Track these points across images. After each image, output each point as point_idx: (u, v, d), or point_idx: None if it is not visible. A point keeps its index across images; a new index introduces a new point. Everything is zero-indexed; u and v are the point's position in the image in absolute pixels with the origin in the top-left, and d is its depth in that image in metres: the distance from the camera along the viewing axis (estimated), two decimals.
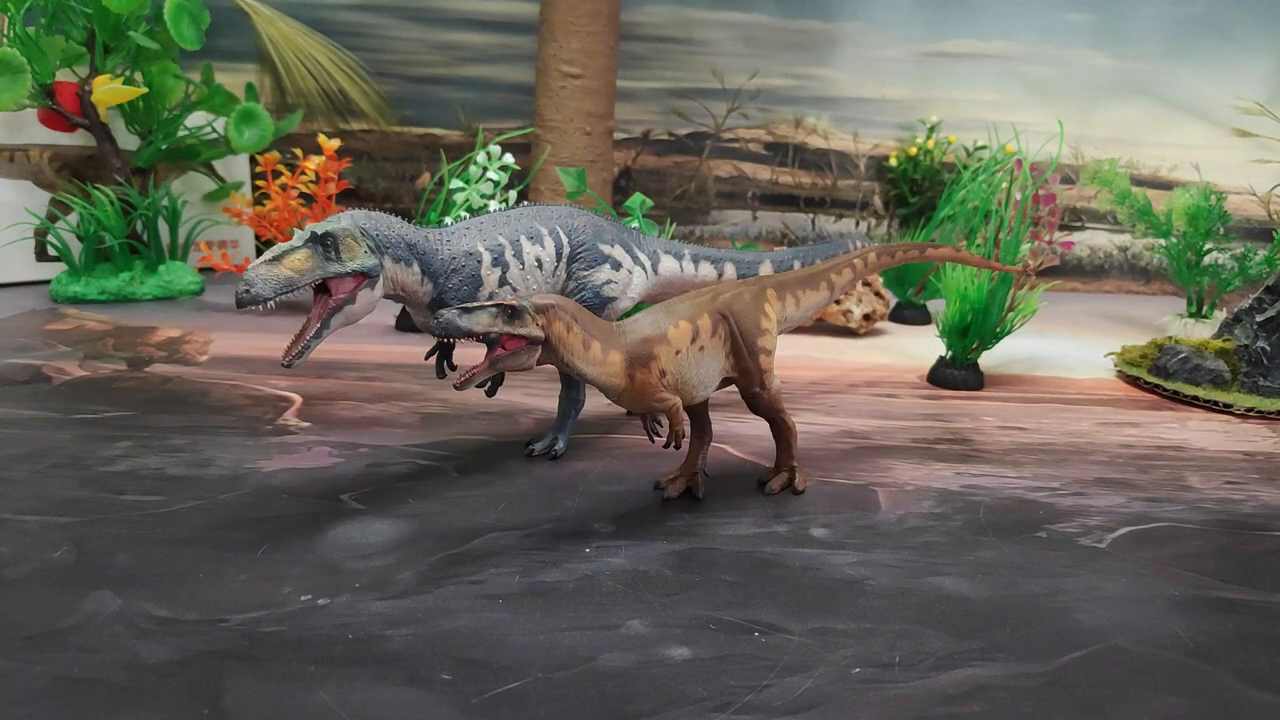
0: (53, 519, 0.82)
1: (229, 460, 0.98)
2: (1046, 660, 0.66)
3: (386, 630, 0.66)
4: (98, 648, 0.63)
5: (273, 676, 0.60)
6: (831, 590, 0.75)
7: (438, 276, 0.89)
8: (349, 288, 0.81)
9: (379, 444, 1.04)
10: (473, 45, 2.29)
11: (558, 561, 0.77)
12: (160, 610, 0.68)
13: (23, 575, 0.72)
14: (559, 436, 1.03)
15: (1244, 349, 1.45)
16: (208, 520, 0.83)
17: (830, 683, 0.62)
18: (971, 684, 0.62)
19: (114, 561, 0.75)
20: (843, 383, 1.43)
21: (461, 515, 0.86)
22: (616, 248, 1.03)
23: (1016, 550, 0.84)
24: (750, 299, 0.89)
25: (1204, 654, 0.67)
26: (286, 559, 0.76)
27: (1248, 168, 2.52)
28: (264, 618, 0.67)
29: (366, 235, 0.82)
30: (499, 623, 0.68)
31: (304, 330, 0.81)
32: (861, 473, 1.02)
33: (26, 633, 0.65)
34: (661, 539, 0.83)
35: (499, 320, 0.75)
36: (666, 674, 0.62)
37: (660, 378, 0.82)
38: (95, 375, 1.28)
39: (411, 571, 0.75)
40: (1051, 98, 2.45)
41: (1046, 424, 1.25)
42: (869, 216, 2.55)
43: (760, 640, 0.67)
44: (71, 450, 0.99)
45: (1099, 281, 2.63)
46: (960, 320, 1.40)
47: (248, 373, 1.32)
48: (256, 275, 0.75)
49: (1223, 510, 0.96)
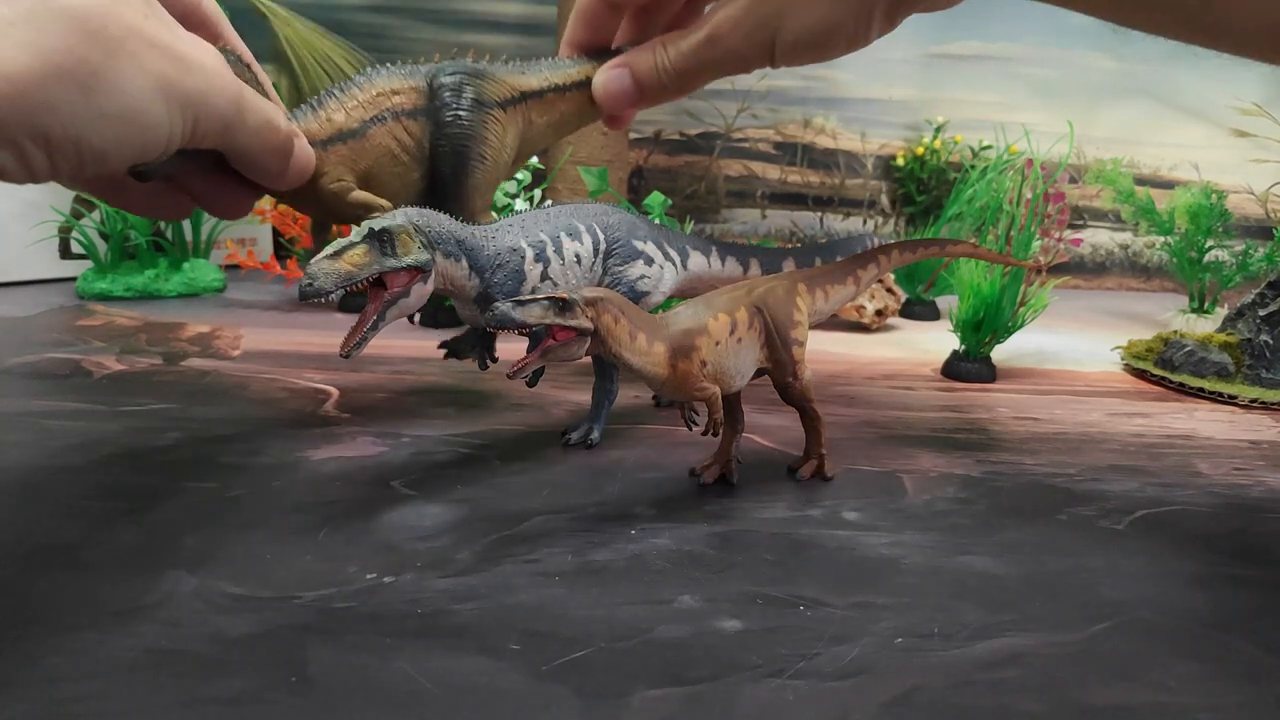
0: (117, 504, 0.86)
1: (277, 449, 1.01)
2: (1076, 630, 0.69)
3: (453, 605, 0.70)
4: (181, 622, 0.67)
5: (351, 648, 0.64)
6: (868, 568, 0.79)
7: (484, 271, 0.93)
8: (404, 282, 0.85)
9: (420, 434, 1.08)
10: (489, 46, 2.32)
11: (606, 542, 0.81)
12: (235, 588, 0.71)
13: (98, 557, 0.76)
14: (594, 426, 1.06)
15: (1247, 342, 1.49)
16: (266, 505, 0.87)
17: (875, 651, 0.65)
18: (1008, 652, 0.66)
19: (183, 544, 0.78)
20: (860, 376, 1.47)
21: (509, 499, 0.89)
22: (649, 244, 1.07)
23: (1039, 531, 0.88)
24: (783, 293, 0.93)
25: (1223, 625, 0.71)
26: (347, 540, 0.80)
27: (1246, 167, 2.58)
28: (335, 594, 0.71)
29: (420, 231, 0.86)
30: (558, 598, 0.71)
31: (361, 322, 0.84)
32: (886, 460, 1.06)
33: (111, 609, 0.68)
34: (702, 521, 0.86)
35: (550, 312, 0.78)
36: (721, 644, 0.66)
37: (701, 368, 0.85)
38: (134, 369, 1.31)
39: (468, 551, 0.78)
40: (1054, 98, 2.50)
41: (1059, 414, 1.29)
42: (876, 215, 2.59)
43: (805, 613, 0.70)
44: (124, 441, 1.02)
45: (1100, 278, 2.68)
46: (974, 315, 1.44)
47: (282, 366, 1.36)
48: (319, 270, 0.79)
49: (1232, 494, 1.00)
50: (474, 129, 1.03)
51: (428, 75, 1.04)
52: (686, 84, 0.96)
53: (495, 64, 1.07)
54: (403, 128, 1.02)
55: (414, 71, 1.05)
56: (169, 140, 0.73)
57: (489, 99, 1.04)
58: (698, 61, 0.93)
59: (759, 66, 0.93)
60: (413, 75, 1.04)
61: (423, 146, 1.04)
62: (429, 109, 1.03)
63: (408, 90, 1.03)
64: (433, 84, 1.04)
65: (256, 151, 0.85)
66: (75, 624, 0.64)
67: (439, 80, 1.03)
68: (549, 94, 1.08)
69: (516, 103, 1.07)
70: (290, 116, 0.96)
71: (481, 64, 1.06)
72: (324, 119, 1.00)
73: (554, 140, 1.15)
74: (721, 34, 0.89)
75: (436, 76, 1.04)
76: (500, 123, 1.05)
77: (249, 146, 0.83)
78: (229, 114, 0.78)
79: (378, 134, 1.01)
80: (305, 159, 0.95)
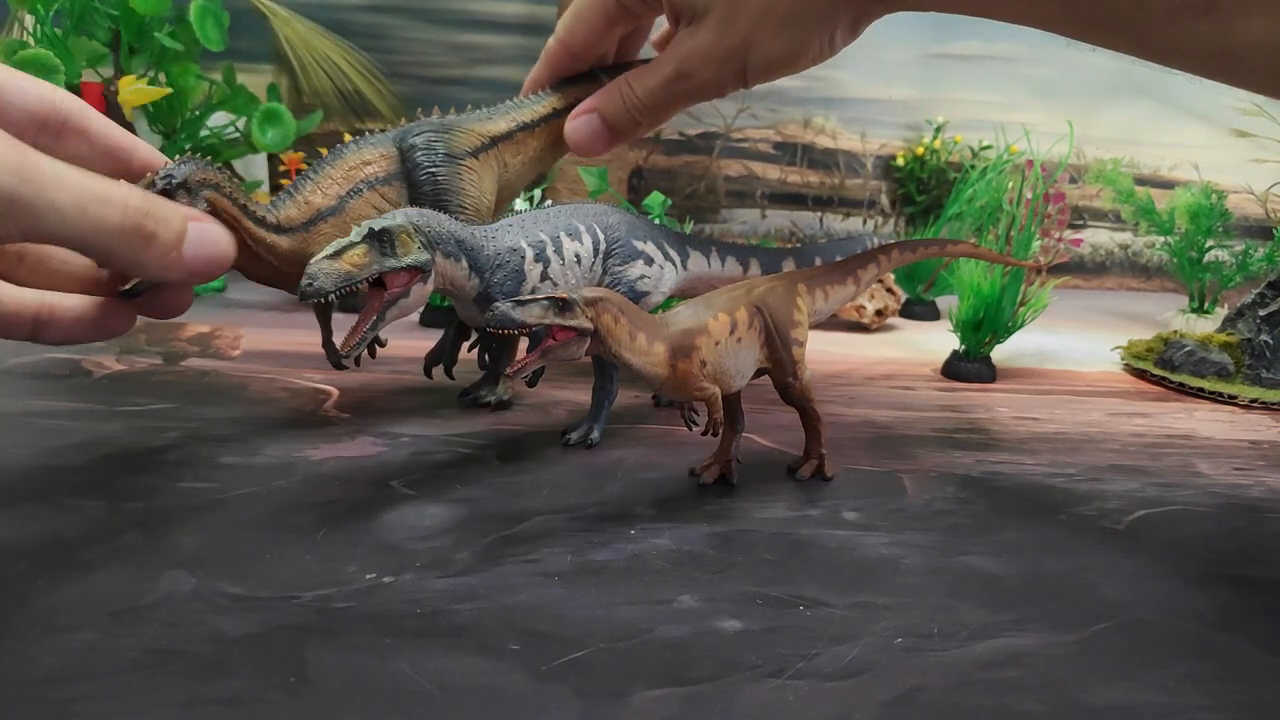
0: (116, 504, 0.86)
1: (277, 449, 1.01)
2: (1076, 630, 0.69)
3: (452, 605, 0.70)
4: (180, 622, 0.67)
5: (351, 648, 0.64)
6: (867, 568, 0.79)
7: (484, 271, 0.93)
8: (403, 282, 0.85)
9: (420, 434, 1.08)
10: (489, 46, 2.33)
11: (605, 542, 0.81)
12: (234, 588, 0.71)
13: (98, 556, 0.76)
14: (594, 426, 1.06)
15: (1247, 342, 1.49)
16: (265, 505, 0.87)
17: (875, 651, 0.65)
18: (1008, 652, 0.66)
19: (182, 543, 0.78)
20: (860, 376, 1.47)
21: (508, 500, 0.89)
22: (649, 244, 1.07)
23: (1039, 531, 0.88)
24: (783, 293, 0.93)
25: (1223, 625, 0.71)
26: (346, 540, 0.80)
27: (1246, 167, 2.58)
28: (334, 594, 0.71)
29: (419, 231, 0.86)
30: (557, 598, 0.71)
31: (361, 322, 0.84)
32: (886, 460, 1.06)
33: (110, 609, 0.68)
34: (701, 521, 0.86)
35: (550, 312, 0.78)
36: (721, 644, 0.66)
37: (701, 368, 0.85)
38: (133, 369, 1.31)
39: (468, 552, 0.78)
40: (1054, 98, 2.50)
41: (1059, 414, 1.29)
42: (876, 215, 2.59)
43: (805, 613, 0.70)
44: (123, 440, 1.02)
45: (1100, 279, 2.68)
46: (974, 315, 1.44)
47: (282, 366, 1.36)
48: (319, 270, 0.79)
49: (1232, 494, 1.00)
50: (450, 182, 1.05)
51: (396, 140, 1.08)
52: (659, 117, 0.99)
53: (460, 115, 1.11)
54: (379, 195, 1.05)
55: (382, 139, 1.08)
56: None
57: (460, 150, 1.07)
58: (668, 95, 0.96)
59: (733, 90, 0.95)
60: (381, 143, 1.07)
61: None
62: (401, 172, 1.06)
63: (378, 159, 1.06)
64: (402, 147, 1.07)
65: (82, 236, 0.68)
66: (75, 624, 0.64)
67: (408, 142, 1.07)
68: (518, 134, 1.12)
69: (488, 148, 1.10)
70: (193, 203, 0.87)
71: (447, 117, 1.10)
72: (302, 202, 1.01)
73: (532, 177, 1.19)
74: (691, 69, 0.92)
75: (404, 139, 1.07)
76: (475, 171, 1.08)
77: (65, 231, 0.66)
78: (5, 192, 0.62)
79: (356, 206, 1.03)
80: (210, 248, 0.78)
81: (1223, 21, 0.68)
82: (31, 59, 1.65)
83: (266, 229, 0.96)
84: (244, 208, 0.93)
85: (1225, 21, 0.68)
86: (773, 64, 0.91)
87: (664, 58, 0.95)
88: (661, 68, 0.94)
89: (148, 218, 0.71)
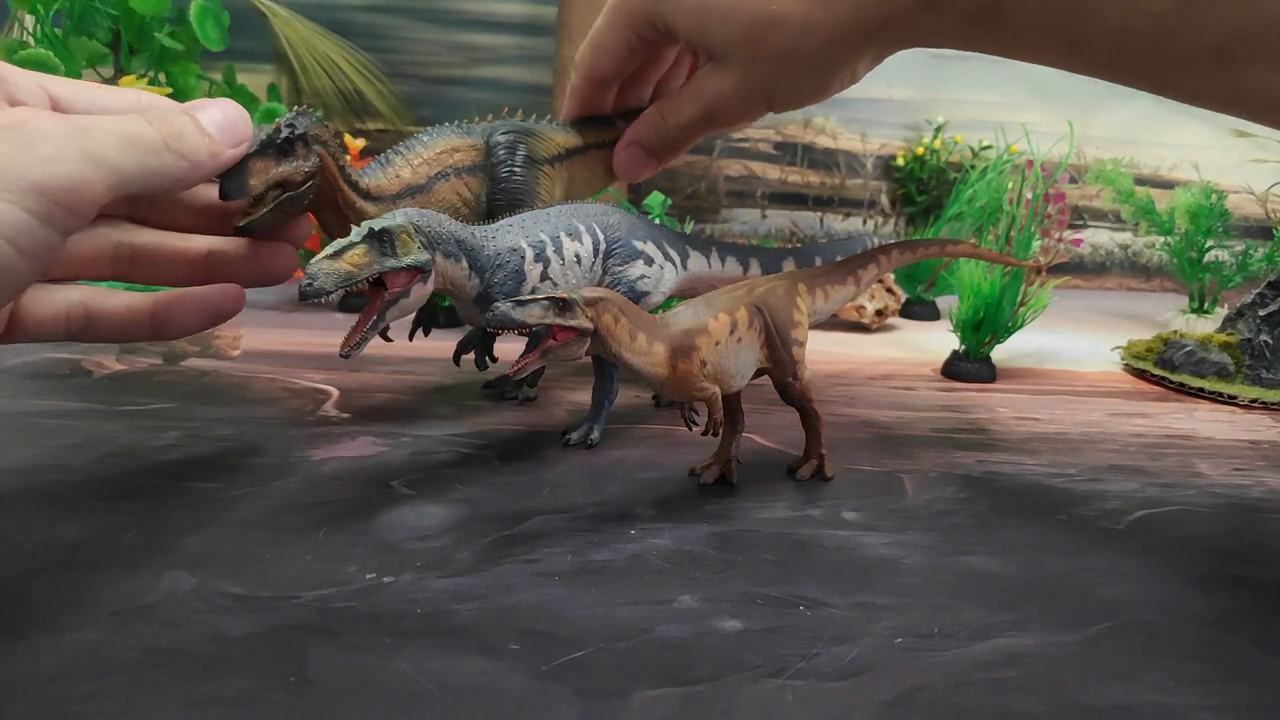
0: (117, 504, 0.85)
1: (277, 449, 1.01)
2: (1076, 631, 0.69)
3: (452, 605, 0.70)
4: (180, 622, 0.67)
5: (351, 647, 0.64)
6: (867, 568, 0.79)
7: (484, 271, 0.93)
8: (403, 282, 0.85)
9: (420, 434, 1.08)
10: (489, 46, 2.33)
11: (605, 542, 0.81)
12: (234, 588, 0.71)
13: (98, 556, 0.76)
14: (594, 426, 1.06)
15: (1247, 343, 1.49)
16: (265, 505, 0.87)
17: (875, 651, 0.65)
18: (1008, 652, 0.66)
19: (182, 543, 0.78)
20: (859, 376, 1.47)
21: (509, 500, 0.89)
22: (649, 244, 1.07)
23: (1039, 532, 0.88)
24: (783, 293, 0.93)
25: (1223, 625, 0.71)
26: (347, 540, 0.80)
27: (1245, 167, 2.58)
28: (334, 594, 0.71)
29: (419, 231, 0.86)
30: (557, 598, 0.71)
31: (361, 322, 0.84)
32: (886, 460, 1.06)
33: (111, 609, 0.68)
34: (701, 521, 0.86)
35: (550, 312, 0.78)
36: (721, 644, 0.66)
37: (701, 368, 0.85)
38: (134, 369, 1.31)
39: (468, 552, 0.78)
40: (1054, 98, 2.50)
41: (1059, 414, 1.29)
42: (876, 215, 2.59)
43: (805, 613, 0.70)
44: (124, 440, 1.02)
45: (1100, 279, 2.68)
46: (974, 315, 1.44)
47: (282, 366, 1.36)
48: (319, 270, 0.79)
49: (1233, 495, 1.00)
50: (527, 184, 1.10)
51: (483, 134, 1.12)
52: (690, 144, 1.10)
53: (541, 123, 1.15)
54: (464, 183, 1.09)
55: (470, 130, 1.12)
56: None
57: (540, 156, 1.12)
58: (699, 128, 1.05)
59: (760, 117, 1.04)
60: (470, 134, 1.12)
61: (480, 201, 1.11)
62: (485, 165, 1.11)
63: (466, 148, 1.10)
64: (488, 142, 1.11)
65: (141, 167, 0.69)
66: (75, 624, 0.64)
67: (494, 139, 1.11)
68: (591, 150, 1.17)
69: (563, 159, 1.15)
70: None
71: (530, 123, 1.14)
72: (394, 175, 1.05)
73: (587, 195, 1.23)
74: (718, 110, 1.00)
75: (491, 135, 1.12)
76: (550, 178, 1.13)
77: (129, 169, 0.68)
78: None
79: (442, 189, 1.08)
80: (223, 116, 0.79)
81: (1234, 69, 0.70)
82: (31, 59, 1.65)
83: (358, 194, 1.00)
84: (342, 169, 0.97)
85: (1237, 69, 0.70)
86: (797, 102, 0.98)
87: (691, 92, 1.02)
88: (691, 104, 1.02)
89: (165, 119, 0.73)
